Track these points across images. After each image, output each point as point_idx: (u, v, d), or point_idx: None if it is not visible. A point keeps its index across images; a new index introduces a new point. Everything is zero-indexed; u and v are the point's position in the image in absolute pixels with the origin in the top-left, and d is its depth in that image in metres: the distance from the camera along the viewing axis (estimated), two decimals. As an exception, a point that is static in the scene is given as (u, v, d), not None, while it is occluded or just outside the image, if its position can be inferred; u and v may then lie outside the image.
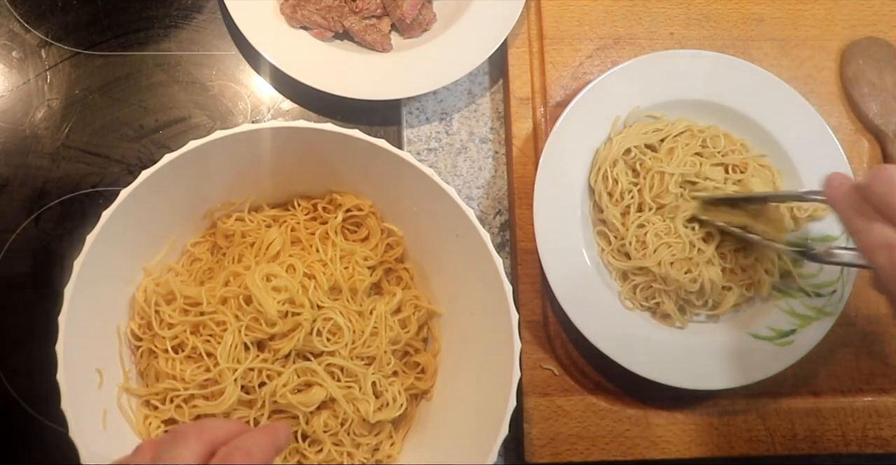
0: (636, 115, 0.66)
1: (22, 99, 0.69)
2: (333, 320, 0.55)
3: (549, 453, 0.62)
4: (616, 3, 0.72)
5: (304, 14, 0.68)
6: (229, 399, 0.53)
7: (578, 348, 0.64)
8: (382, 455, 0.57)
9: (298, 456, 0.56)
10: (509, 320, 0.53)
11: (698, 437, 0.64)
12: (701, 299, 0.63)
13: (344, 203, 0.60)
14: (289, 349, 0.55)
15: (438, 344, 0.60)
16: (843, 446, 0.65)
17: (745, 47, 0.72)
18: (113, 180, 0.67)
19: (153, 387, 0.55)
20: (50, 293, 0.61)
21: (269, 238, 0.58)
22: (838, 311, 0.64)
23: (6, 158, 0.67)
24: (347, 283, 0.57)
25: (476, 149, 0.71)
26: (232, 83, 0.71)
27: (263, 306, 0.53)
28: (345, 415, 0.55)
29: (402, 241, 0.61)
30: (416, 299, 0.60)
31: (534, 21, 0.72)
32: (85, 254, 0.50)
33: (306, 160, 0.57)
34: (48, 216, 0.66)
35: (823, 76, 0.73)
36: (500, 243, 0.69)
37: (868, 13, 0.75)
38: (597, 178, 0.64)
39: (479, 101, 0.73)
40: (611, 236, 0.64)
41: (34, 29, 0.70)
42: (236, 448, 0.38)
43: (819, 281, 0.64)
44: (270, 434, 0.40)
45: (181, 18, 0.72)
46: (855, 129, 0.72)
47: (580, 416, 0.63)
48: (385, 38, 0.69)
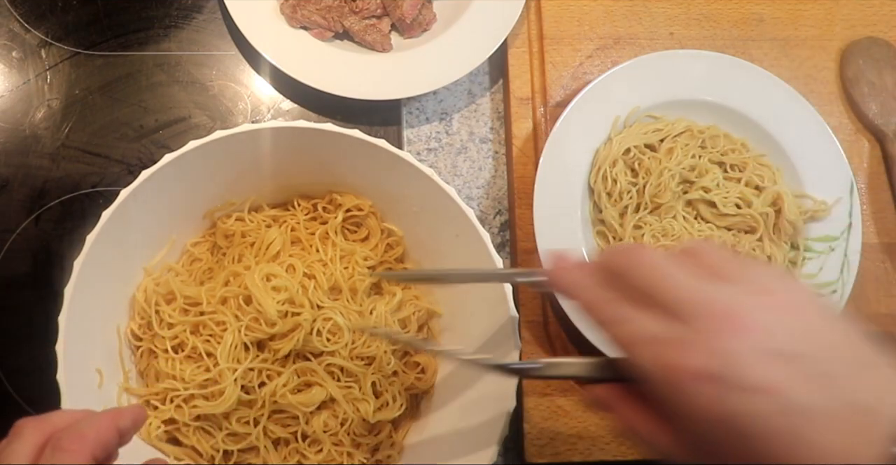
0: (636, 115, 0.66)
1: (22, 99, 0.69)
2: (333, 320, 0.55)
3: (549, 453, 0.62)
4: (616, 3, 0.72)
5: (304, 14, 0.68)
6: (229, 399, 0.53)
7: (578, 348, 0.64)
8: (382, 455, 0.57)
9: (298, 456, 0.56)
10: (509, 319, 0.53)
11: (698, 437, 0.64)
12: (701, 299, 0.63)
13: (344, 203, 0.60)
14: (289, 349, 0.55)
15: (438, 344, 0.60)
16: (843, 446, 0.65)
17: (745, 47, 0.72)
18: (113, 180, 0.67)
19: (153, 387, 0.55)
20: (50, 293, 0.61)
21: (269, 238, 0.58)
22: (838, 311, 0.64)
23: (6, 158, 0.67)
24: (347, 283, 0.57)
25: (476, 149, 0.71)
26: (232, 83, 0.71)
27: (263, 306, 0.53)
28: (345, 415, 0.55)
29: (402, 241, 0.61)
30: (416, 299, 0.60)
31: (534, 21, 0.72)
32: (85, 254, 0.50)
33: (306, 160, 0.57)
34: (48, 216, 0.66)
35: (823, 76, 0.73)
36: (500, 242, 0.69)
37: (868, 13, 0.75)
38: (596, 178, 0.64)
39: (479, 101, 0.73)
40: (609, 237, 0.64)
41: (34, 29, 0.70)
42: (69, 432, 0.37)
43: (819, 281, 0.64)
44: (112, 416, 0.39)
45: (181, 18, 0.72)
46: (855, 129, 0.72)
47: (580, 416, 0.63)
48: (385, 38, 0.69)
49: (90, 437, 0.37)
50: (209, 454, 0.55)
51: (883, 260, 0.69)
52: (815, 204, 0.65)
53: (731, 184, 0.64)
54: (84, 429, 0.38)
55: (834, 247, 0.65)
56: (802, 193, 0.65)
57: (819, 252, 0.65)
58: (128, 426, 0.40)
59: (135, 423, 0.41)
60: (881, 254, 0.69)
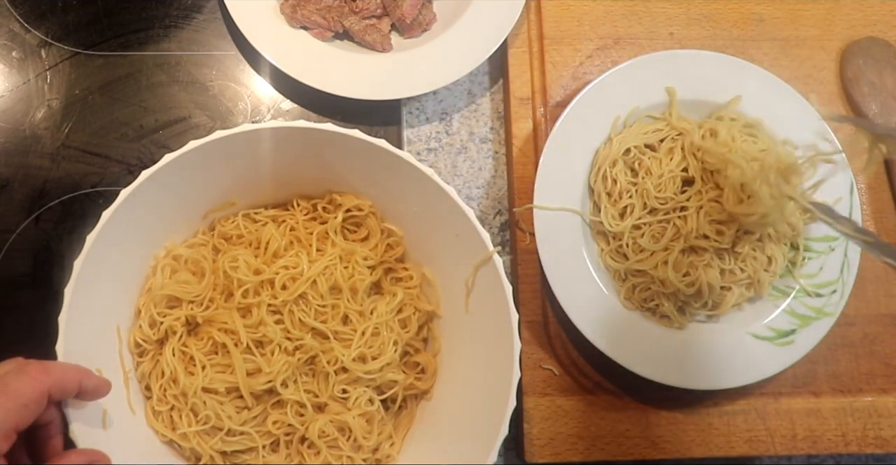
0: (636, 115, 0.66)
1: (22, 99, 0.69)
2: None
3: (549, 453, 0.62)
4: (616, 3, 0.72)
5: (304, 14, 0.68)
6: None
7: (578, 348, 0.64)
8: (382, 455, 0.57)
9: (299, 457, 0.56)
10: (509, 320, 0.53)
11: (698, 437, 0.64)
12: (699, 301, 0.63)
13: (344, 203, 0.60)
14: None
15: (438, 344, 0.60)
16: (843, 446, 0.65)
17: (745, 47, 0.72)
18: (113, 180, 0.67)
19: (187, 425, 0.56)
20: (50, 293, 0.61)
21: (267, 235, 0.58)
22: (838, 311, 0.64)
23: (6, 158, 0.67)
24: (347, 283, 0.57)
25: (476, 149, 0.71)
26: (232, 83, 0.71)
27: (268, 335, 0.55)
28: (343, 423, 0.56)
29: (402, 241, 0.61)
30: (417, 300, 0.60)
31: (534, 21, 0.72)
32: (85, 254, 0.50)
33: (306, 160, 0.57)
34: (48, 216, 0.66)
35: (823, 76, 0.73)
36: (500, 242, 0.69)
37: (868, 13, 0.75)
38: (596, 178, 0.64)
39: (479, 101, 0.73)
40: (609, 237, 0.64)
41: (34, 29, 0.70)
42: (38, 364, 0.43)
43: (819, 281, 0.64)
44: (82, 372, 0.46)
45: (181, 18, 0.72)
46: (855, 129, 0.72)
47: (580, 416, 0.63)
48: (385, 38, 0.69)
49: (54, 375, 0.43)
50: (209, 454, 0.55)
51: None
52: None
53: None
54: (52, 367, 0.44)
55: (834, 247, 0.65)
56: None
57: (819, 252, 0.65)
58: (89, 388, 0.46)
59: (97, 390, 0.47)
60: (881, 254, 0.69)
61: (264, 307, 0.55)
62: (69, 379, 0.45)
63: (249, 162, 0.57)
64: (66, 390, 0.45)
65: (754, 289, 0.64)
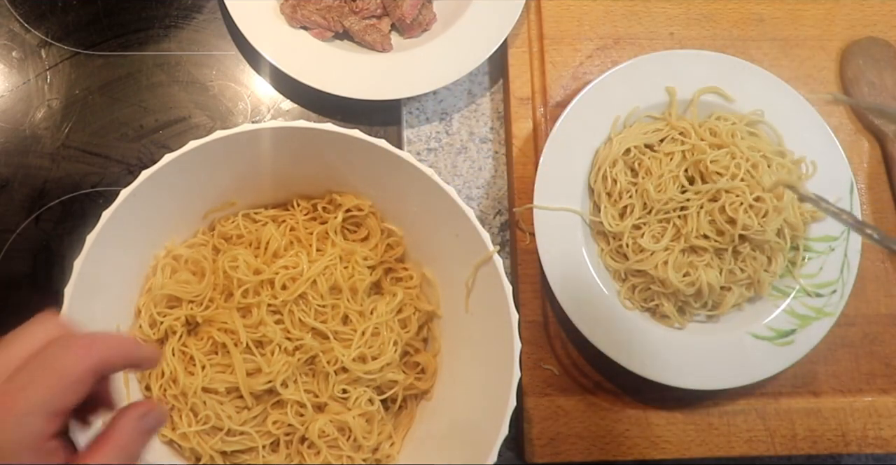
0: (636, 115, 0.66)
1: (22, 99, 0.69)
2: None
3: (550, 453, 0.62)
4: (616, 3, 0.72)
5: (304, 14, 0.68)
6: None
7: (578, 348, 0.64)
8: (382, 455, 0.57)
9: (299, 457, 0.56)
10: (509, 320, 0.53)
11: (698, 437, 0.64)
12: (699, 301, 0.63)
13: (344, 203, 0.60)
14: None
15: (438, 344, 0.60)
16: (843, 446, 0.65)
17: (745, 47, 0.72)
18: (113, 180, 0.67)
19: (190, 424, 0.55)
20: (50, 293, 0.61)
21: (267, 235, 0.58)
22: (838, 311, 0.64)
23: (6, 158, 0.67)
24: (347, 283, 0.57)
25: (476, 149, 0.71)
26: (232, 83, 0.71)
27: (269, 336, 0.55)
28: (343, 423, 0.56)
29: (402, 241, 0.61)
30: (416, 300, 0.60)
31: (534, 21, 0.72)
32: (85, 254, 0.50)
33: (306, 160, 0.57)
34: (48, 216, 0.66)
35: (823, 76, 0.73)
36: (500, 242, 0.69)
37: (868, 13, 0.75)
38: (596, 178, 0.64)
39: (479, 101, 0.73)
40: (609, 237, 0.64)
41: (34, 29, 0.70)
42: (83, 337, 0.37)
43: (819, 281, 0.64)
44: (131, 343, 0.40)
45: (181, 18, 0.72)
46: (855, 129, 0.72)
47: (580, 416, 0.63)
48: (385, 38, 0.69)
49: (101, 350, 0.37)
50: (208, 454, 0.55)
51: (883, 260, 0.69)
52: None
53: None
54: (98, 341, 0.37)
55: (834, 247, 0.65)
56: (802, 194, 0.65)
57: (819, 252, 0.65)
58: (138, 360, 0.40)
59: (148, 361, 0.41)
60: (881, 254, 0.69)
61: (264, 307, 0.55)
62: (116, 353, 0.39)
63: (249, 162, 0.57)
64: (114, 365, 0.39)
65: (754, 289, 0.64)
